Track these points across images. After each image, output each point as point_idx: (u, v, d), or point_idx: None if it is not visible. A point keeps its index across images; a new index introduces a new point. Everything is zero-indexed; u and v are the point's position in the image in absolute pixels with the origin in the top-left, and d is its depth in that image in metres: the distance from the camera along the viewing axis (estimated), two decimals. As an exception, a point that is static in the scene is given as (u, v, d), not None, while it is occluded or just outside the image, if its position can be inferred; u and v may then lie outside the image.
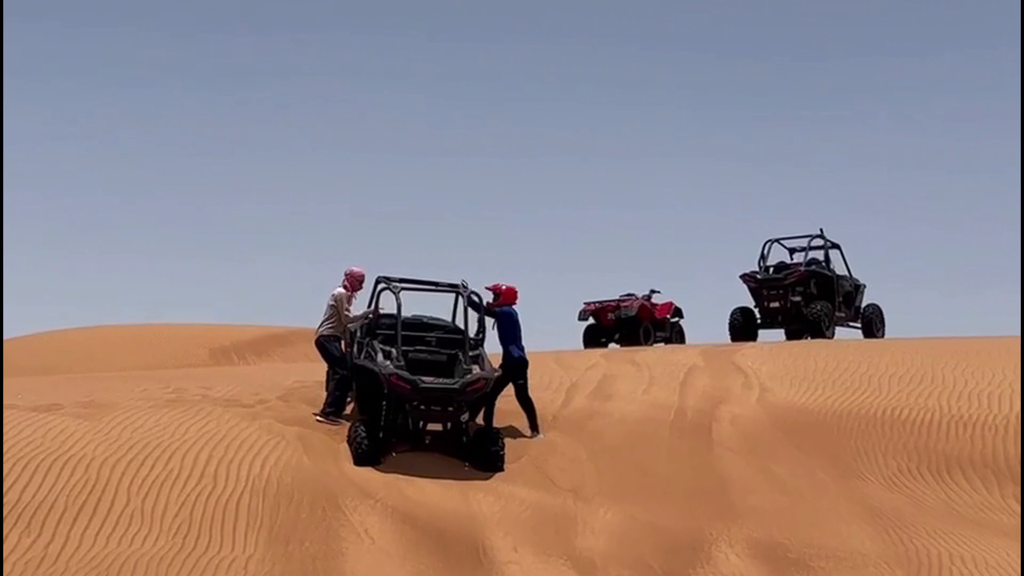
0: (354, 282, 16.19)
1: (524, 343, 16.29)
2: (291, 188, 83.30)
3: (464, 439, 15.25)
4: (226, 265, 76.07)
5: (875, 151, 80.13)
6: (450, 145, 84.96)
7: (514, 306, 16.46)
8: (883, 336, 27.03)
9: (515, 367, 16.08)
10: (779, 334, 26.83)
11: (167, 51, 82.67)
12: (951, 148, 78.64)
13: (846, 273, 27.09)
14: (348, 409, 15.98)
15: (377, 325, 15.73)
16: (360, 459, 14.67)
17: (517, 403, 16.14)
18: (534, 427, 16.16)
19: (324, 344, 16.04)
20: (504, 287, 16.45)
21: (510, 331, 16.21)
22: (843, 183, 78.94)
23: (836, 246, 27.09)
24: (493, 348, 16.27)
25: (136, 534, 12.63)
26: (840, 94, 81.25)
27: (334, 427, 15.46)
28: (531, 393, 16.25)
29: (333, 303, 16.01)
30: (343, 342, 16.09)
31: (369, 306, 15.95)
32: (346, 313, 15.94)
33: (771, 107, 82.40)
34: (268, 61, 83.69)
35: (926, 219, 78.92)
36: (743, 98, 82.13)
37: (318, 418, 15.63)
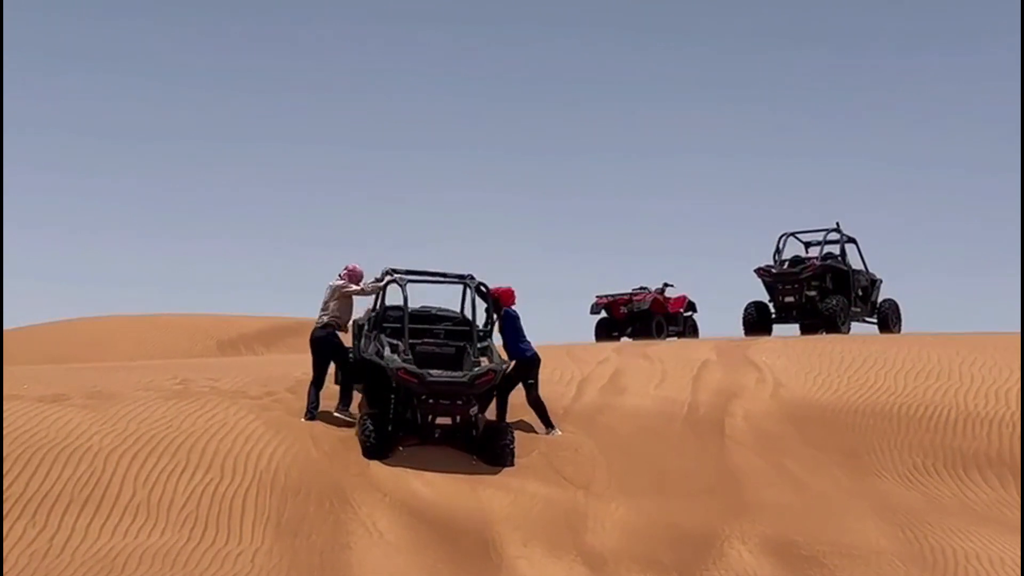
0: (355, 278, 16.02)
1: (532, 339, 16.13)
2: (300, 179, 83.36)
3: (474, 433, 15.11)
4: (234, 256, 76.14)
5: (893, 144, 79.79)
6: (461, 138, 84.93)
7: (513, 307, 16.26)
8: (899, 331, 26.81)
9: (528, 365, 15.91)
10: (793, 329, 26.66)
11: (178, 42, 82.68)
12: (972, 141, 78.25)
13: (862, 267, 26.89)
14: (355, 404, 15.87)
15: (384, 318, 15.58)
16: (369, 453, 14.56)
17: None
18: (548, 424, 15.98)
19: (319, 339, 15.80)
20: (500, 290, 16.22)
21: (515, 331, 16.04)
22: (860, 177, 78.66)
23: (852, 240, 26.88)
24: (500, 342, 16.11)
25: (142, 527, 12.52)
26: (856, 88, 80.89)
27: (344, 418, 15.38)
28: (542, 387, 16.09)
29: (336, 286, 15.82)
30: (337, 334, 15.86)
31: (377, 300, 15.80)
32: (357, 287, 15.79)
33: (785, 100, 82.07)
34: (280, 53, 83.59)
35: (945, 213, 78.57)
36: (757, 92, 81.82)
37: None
